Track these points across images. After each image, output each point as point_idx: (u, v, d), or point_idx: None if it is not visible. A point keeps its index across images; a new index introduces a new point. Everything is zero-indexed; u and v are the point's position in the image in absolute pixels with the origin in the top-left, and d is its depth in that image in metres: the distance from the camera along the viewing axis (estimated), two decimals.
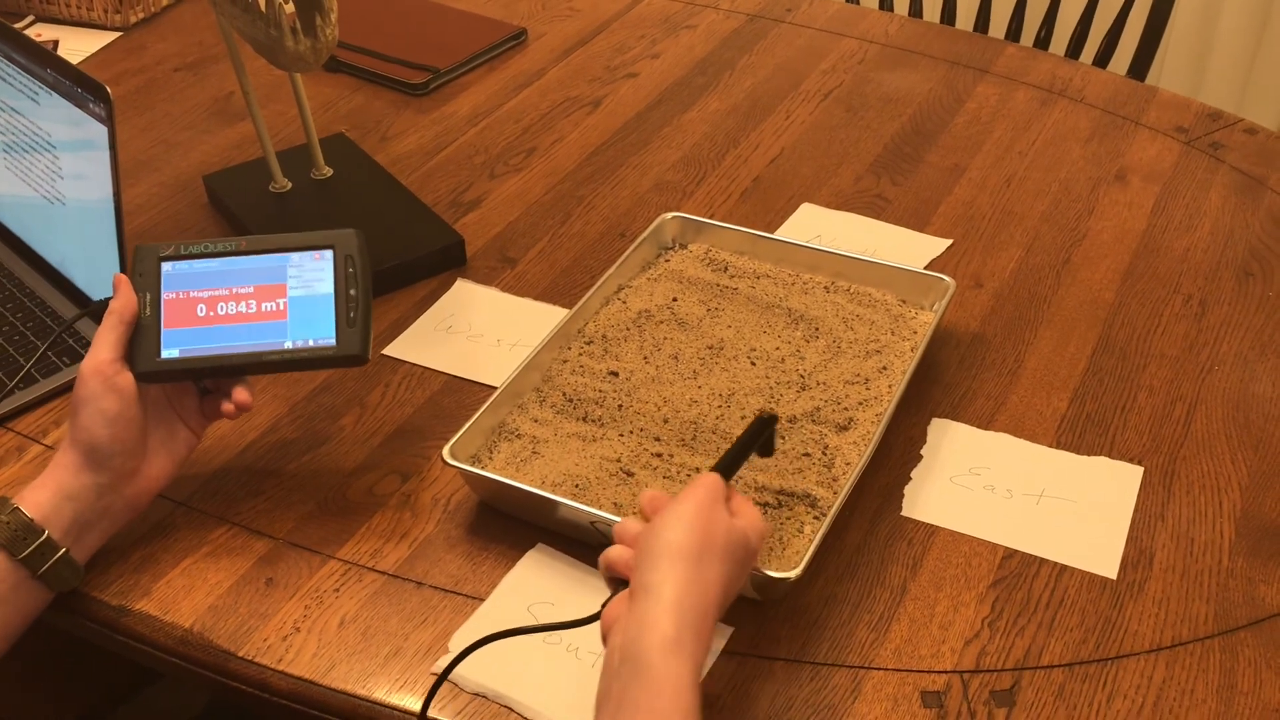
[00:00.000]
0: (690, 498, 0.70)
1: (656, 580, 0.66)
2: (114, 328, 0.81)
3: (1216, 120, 1.31)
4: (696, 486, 0.71)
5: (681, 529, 0.68)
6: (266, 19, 0.99)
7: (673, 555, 0.67)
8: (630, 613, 0.66)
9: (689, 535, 0.68)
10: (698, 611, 0.66)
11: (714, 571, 0.68)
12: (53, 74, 0.99)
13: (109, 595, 0.82)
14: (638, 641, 0.64)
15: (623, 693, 0.63)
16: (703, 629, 0.66)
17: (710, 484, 0.72)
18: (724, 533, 0.69)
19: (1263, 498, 0.88)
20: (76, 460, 0.79)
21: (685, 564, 0.67)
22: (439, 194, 1.21)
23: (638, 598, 0.66)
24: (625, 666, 0.64)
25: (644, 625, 0.65)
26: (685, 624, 0.65)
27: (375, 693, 0.76)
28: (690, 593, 0.66)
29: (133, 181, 1.23)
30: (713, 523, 0.69)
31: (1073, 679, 0.77)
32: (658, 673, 0.63)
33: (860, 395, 0.93)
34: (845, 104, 1.35)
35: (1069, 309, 1.06)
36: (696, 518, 0.69)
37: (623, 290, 1.04)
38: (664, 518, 0.69)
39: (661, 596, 0.65)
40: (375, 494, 0.89)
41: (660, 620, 0.64)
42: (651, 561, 0.67)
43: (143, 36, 1.49)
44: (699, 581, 0.67)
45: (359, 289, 0.85)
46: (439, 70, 1.40)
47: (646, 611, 0.65)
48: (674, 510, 0.69)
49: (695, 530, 0.68)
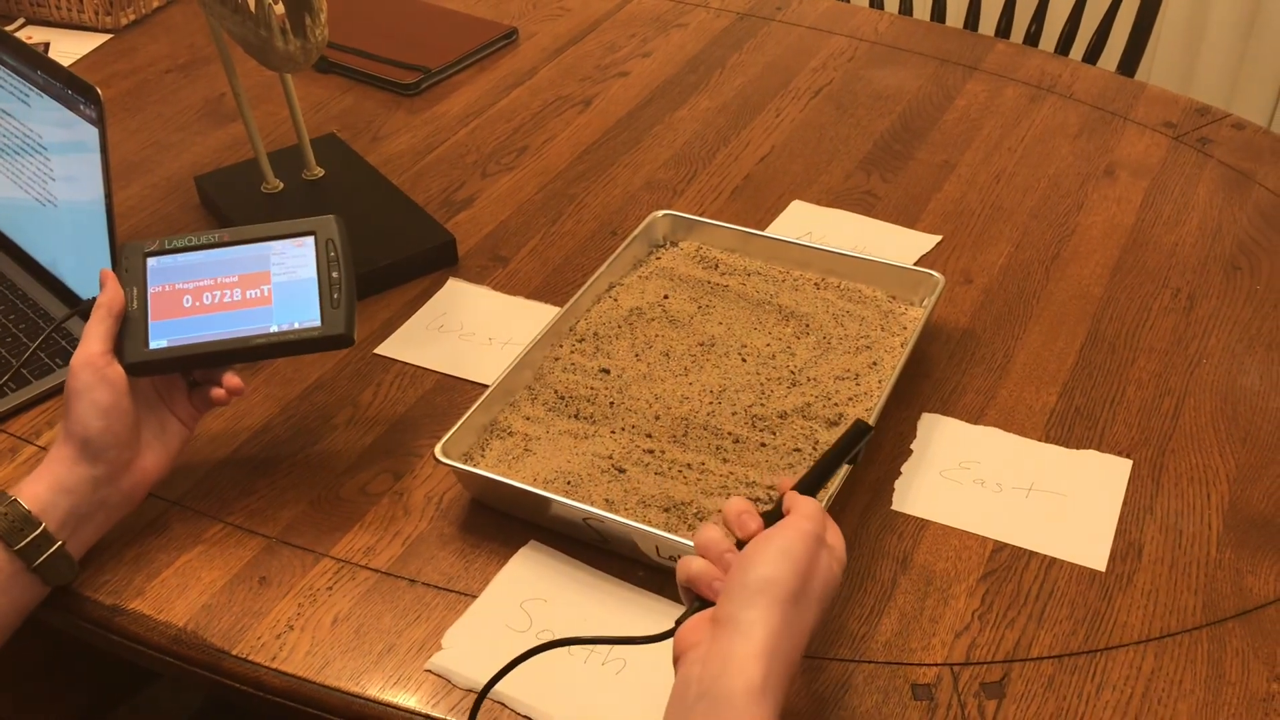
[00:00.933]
0: (795, 531, 0.66)
1: (750, 619, 0.62)
2: (102, 320, 0.81)
3: (1204, 115, 1.32)
4: (802, 519, 0.67)
5: (786, 567, 0.64)
6: (256, 20, 0.99)
7: (772, 596, 0.63)
8: (714, 644, 0.62)
9: (792, 576, 0.64)
10: (787, 660, 0.62)
11: (809, 616, 0.65)
12: (43, 76, 0.99)
13: (102, 594, 0.82)
14: (720, 681, 0.60)
15: None
16: (788, 676, 0.63)
17: (815, 515, 0.67)
18: (823, 575, 0.66)
19: (1250, 490, 0.89)
20: (72, 453, 0.79)
21: (783, 608, 0.63)
22: (430, 193, 1.22)
23: (725, 631, 0.62)
24: (703, 703, 0.60)
25: (729, 664, 0.61)
26: (774, 671, 0.61)
27: (369, 690, 0.76)
28: (784, 638, 0.62)
29: (124, 183, 1.23)
30: (815, 564, 0.65)
31: (1062, 670, 0.77)
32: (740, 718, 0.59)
33: (850, 391, 0.94)
34: (835, 101, 1.36)
35: (1058, 304, 1.07)
36: (802, 557, 0.64)
37: (614, 288, 1.04)
38: (765, 549, 0.65)
39: (753, 638, 0.61)
40: (368, 492, 0.90)
41: (749, 664, 0.60)
42: (747, 597, 0.63)
43: (134, 38, 1.49)
44: (794, 626, 0.63)
45: (341, 272, 0.86)
46: (430, 70, 1.40)
47: (735, 651, 0.61)
48: (776, 543, 0.65)
49: (798, 571, 0.64)
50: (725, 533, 0.69)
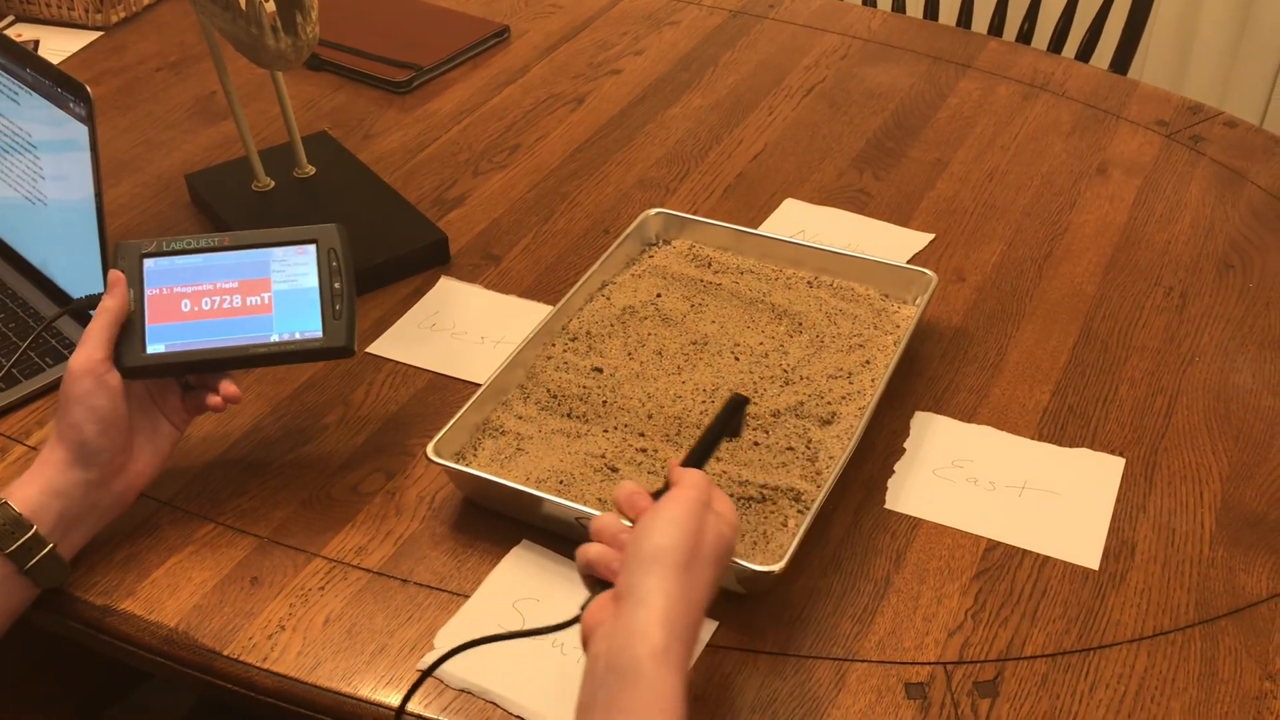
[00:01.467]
0: (681, 500, 0.68)
1: (646, 588, 0.64)
2: (107, 326, 0.80)
3: (1197, 113, 1.32)
4: (687, 488, 0.69)
5: (675, 534, 0.66)
6: (247, 17, 0.99)
7: (665, 563, 0.65)
8: (617, 619, 0.64)
9: (682, 542, 0.66)
10: (687, 621, 0.64)
11: (704, 578, 0.67)
12: (32, 74, 0.98)
13: (93, 595, 0.82)
14: (626, 651, 0.62)
15: (610, 702, 0.62)
16: (690, 638, 0.65)
17: (700, 484, 0.70)
18: (713, 537, 0.68)
19: (1243, 488, 0.89)
20: (64, 457, 0.79)
21: (677, 572, 0.65)
22: (422, 192, 1.21)
23: (625, 605, 0.64)
24: (612, 675, 0.62)
25: (633, 634, 0.63)
26: (675, 634, 0.63)
27: (360, 690, 0.76)
28: (681, 601, 0.64)
29: (115, 181, 1.22)
30: (703, 528, 0.67)
31: (1055, 669, 0.77)
32: (649, 684, 0.61)
33: (843, 389, 0.94)
34: (828, 99, 1.36)
35: (1051, 302, 1.07)
36: (688, 523, 0.67)
37: (606, 286, 1.04)
38: (654, 521, 0.67)
39: (652, 606, 0.63)
40: (360, 492, 0.89)
41: (651, 630, 0.63)
42: (641, 567, 0.65)
43: (124, 36, 1.49)
44: (690, 589, 0.65)
45: (343, 282, 0.85)
46: (422, 68, 1.39)
47: (636, 620, 0.63)
48: (664, 514, 0.67)
49: (687, 536, 0.66)
50: (618, 518, 0.71)
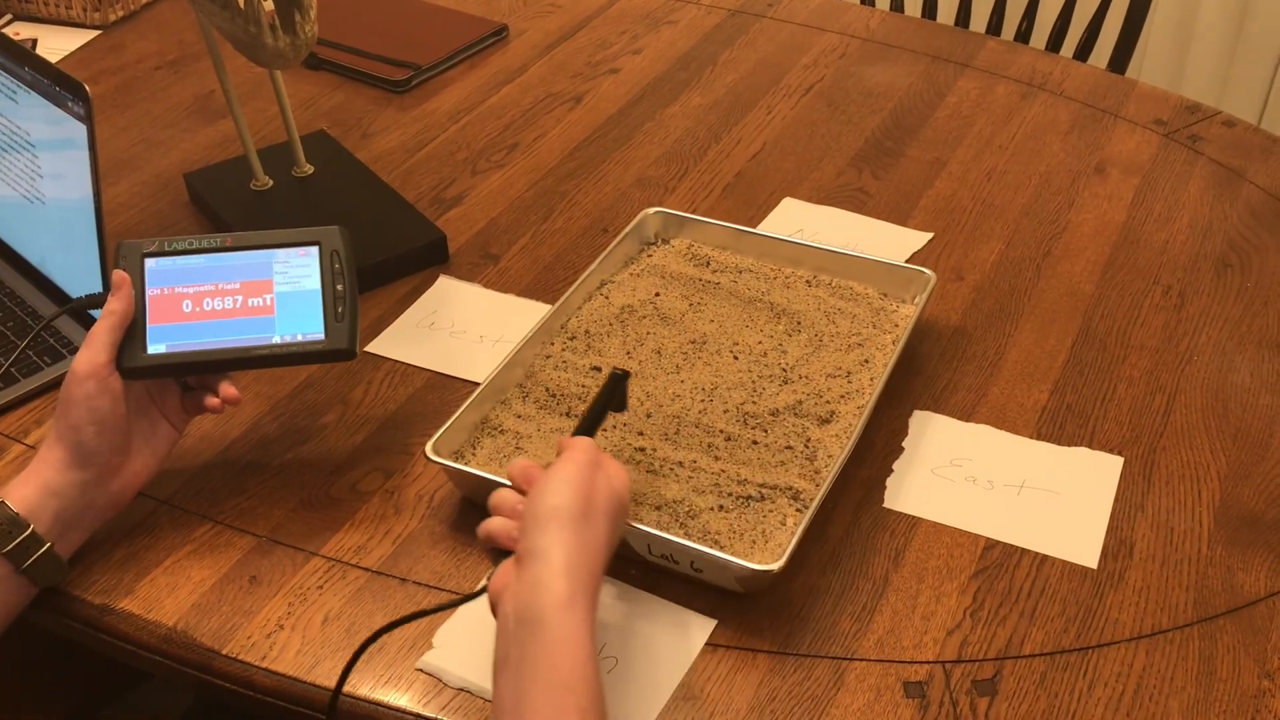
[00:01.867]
0: (570, 462, 0.72)
1: (545, 544, 0.67)
2: (112, 329, 0.80)
3: (1195, 113, 1.32)
4: (574, 450, 0.73)
5: (567, 493, 0.69)
6: (245, 16, 0.99)
7: (560, 519, 0.68)
8: (520, 578, 0.67)
9: (574, 499, 0.69)
10: (587, 570, 0.68)
11: (599, 530, 0.70)
12: (31, 73, 0.98)
13: (91, 594, 0.82)
14: (532, 604, 0.65)
15: (521, 654, 0.65)
16: (593, 586, 0.68)
17: (586, 447, 0.73)
18: (605, 492, 0.71)
19: (1241, 487, 0.89)
20: (62, 457, 0.78)
21: (572, 526, 0.68)
22: (421, 191, 1.21)
23: (527, 563, 0.67)
24: (522, 629, 0.65)
25: (537, 588, 0.66)
26: (577, 583, 0.66)
27: (359, 689, 0.76)
28: (579, 553, 0.68)
29: (113, 180, 1.22)
30: (593, 485, 0.71)
31: (1054, 668, 0.77)
32: (556, 631, 0.65)
33: (842, 388, 0.94)
34: (827, 98, 1.36)
35: (1049, 301, 1.07)
36: (579, 481, 0.70)
37: (605, 286, 1.04)
38: (546, 484, 0.70)
39: (552, 559, 0.67)
40: (358, 491, 0.89)
41: (553, 582, 0.66)
42: (538, 527, 0.68)
43: (122, 35, 1.49)
44: (587, 542, 0.69)
45: (345, 284, 0.85)
46: (420, 67, 1.39)
47: (538, 575, 0.66)
48: (556, 475, 0.71)
49: (579, 493, 0.70)
50: (515, 492, 0.74)
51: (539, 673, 0.64)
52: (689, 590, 0.81)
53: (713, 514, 0.84)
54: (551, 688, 0.63)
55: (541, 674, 0.64)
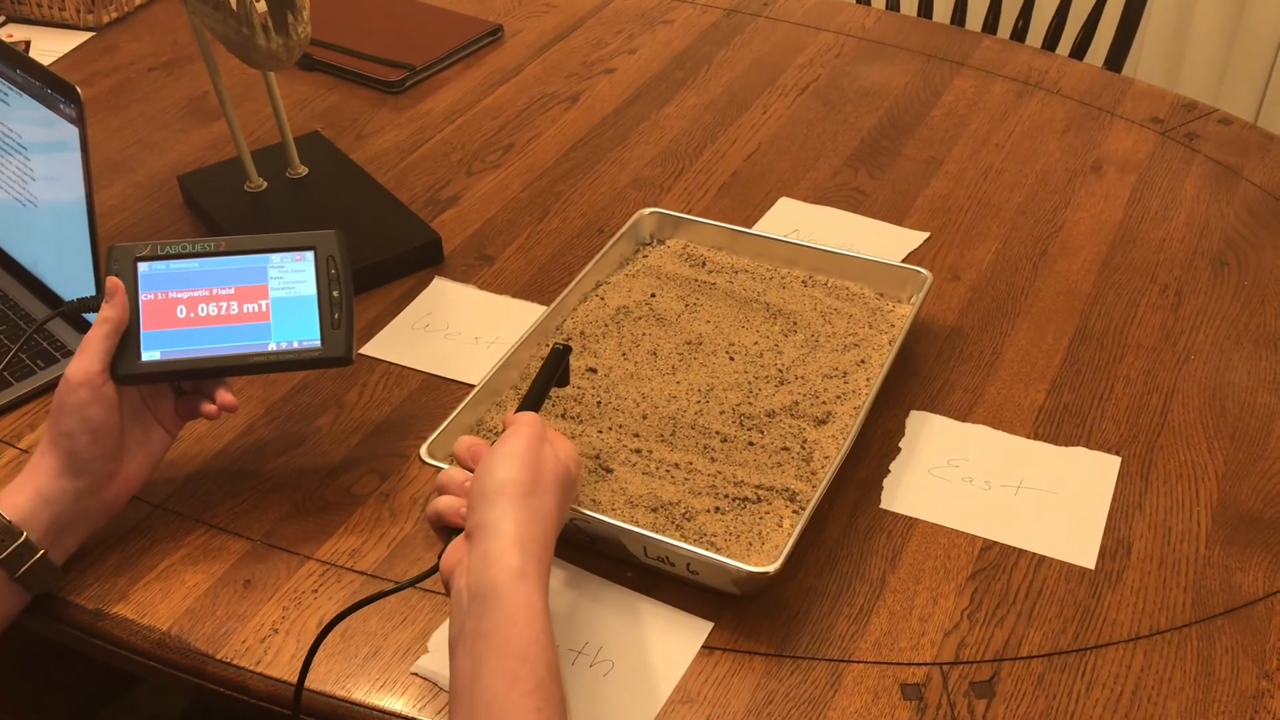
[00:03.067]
0: (517, 436, 0.72)
1: (494, 518, 0.68)
2: (106, 336, 0.79)
3: (1191, 110, 1.32)
4: (520, 425, 0.73)
5: (514, 467, 0.70)
6: (238, 17, 0.99)
7: (509, 493, 0.69)
8: (472, 553, 0.68)
9: (522, 472, 0.70)
10: (538, 542, 0.68)
11: (548, 503, 0.71)
12: (22, 75, 0.98)
13: (85, 599, 0.81)
14: (484, 578, 0.66)
15: (477, 626, 0.65)
16: (544, 557, 0.69)
17: (533, 422, 0.74)
18: (551, 463, 0.72)
19: (1239, 486, 0.89)
20: (55, 465, 0.78)
21: (521, 499, 0.69)
22: (415, 192, 1.21)
23: (478, 538, 0.68)
24: (476, 603, 0.66)
25: (489, 561, 0.66)
26: (529, 554, 0.67)
27: (354, 694, 0.76)
28: (529, 524, 0.68)
29: (107, 182, 1.22)
30: (541, 457, 0.72)
31: (1052, 669, 0.77)
32: (509, 600, 0.65)
33: (838, 389, 0.93)
34: (822, 98, 1.35)
35: (1046, 300, 1.06)
36: (527, 454, 0.71)
37: (601, 286, 1.03)
38: (493, 459, 0.71)
39: (502, 532, 0.67)
40: (353, 494, 0.89)
41: (504, 554, 0.66)
42: (487, 501, 0.69)
43: (116, 36, 1.48)
44: (537, 513, 0.69)
45: (342, 290, 0.84)
46: (415, 67, 1.39)
47: (489, 549, 0.67)
48: (503, 451, 0.71)
49: (527, 467, 0.70)
50: (461, 470, 0.74)
51: (493, 644, 0.64)
52: (685, 593, 0.81)
53: (709, 516, 0.83)
54: (506, 656, 0.64)
55: (496, 645, 0.64)
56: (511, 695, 0.63)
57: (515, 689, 0.63)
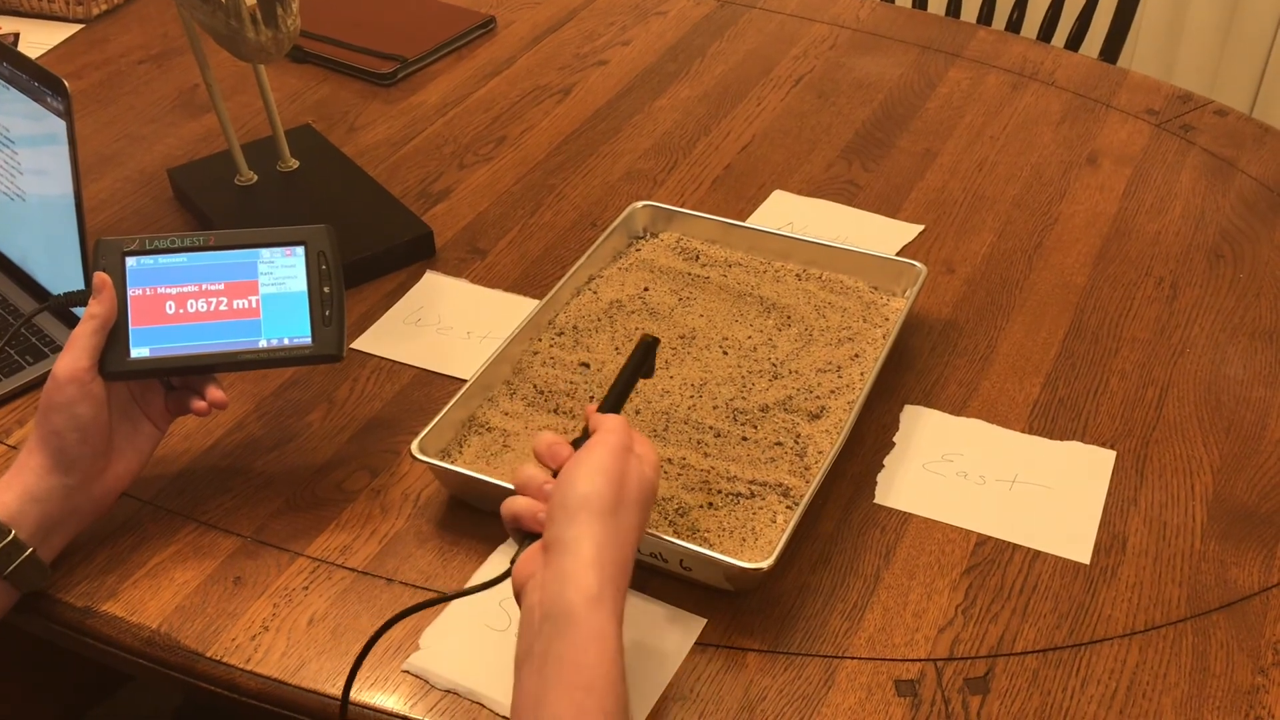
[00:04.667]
0: (603, 446, 0.69)
1: (575, 535, 0.65)
2: (94, 333, 0.79)
3: (1187, 102, 1.31)
4: (606, 434, 0.70)
5: (600, 481, 0.67)
6: (227, 10, 0.98)
7: (591, 509, 0.66)
8: (548, 569, 0.65)
9: (606, 488, 0.67)
10: (617, 565, 0.66)
11: (630, 521, 0.68)
12: (9, 68, 0.97)
13: (74, 597, 0.81)
14: (560, 598, 0.63)
15: (547, 649, 0.63)
16: (622, 581, 0.66)
17: (619, 429, 0.70)
18: (636, 480, 0.69)
19: (1234, 480, 0.89)
20: (44, 463, 0.77)
21: (604, 518, 0.66)
22: (407, 185, 1.20)
23: (555, 553, 0.65)
24: (548, 624, 0.63)
25: (565, 581, 0.64)
26: (607, 578, 0.64)
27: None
28: (610, 546, 0.65)
29: (96, 176, 1.21)
30: (627, 473, 0.68)
31: (1046, 665, 0.77)
32: (584, 627, 0.63)
33: (832, 383, 0.93)
34: (816, 90, 1.35)
35: (1041, 294, 1.06)
36: (612, 469, 0.68)
37: (594, 280, 1.03)
38: (577, 470, 0.67)
39: (581, 552, 0.64)
40: (344, 490, 0.88)
41: (582, 576, 0.64)
42: (568, 516, 0.66)
43: (105, 29, 1.47)
44: (618, 534, 0.66)
45: (333, 286, 0.84)
46: (406, 59, 1.38)
47: (566, 568, 0.64)
48: (588, 461, 0.68)
49: (611, 482, 0.67)
50: (541, 470, 0.71)
51: (562, 672, 0.62)
52: (678, 589, 0.80)
53: (702, 511, 0.83)
54: (574, 688, 0.61)
55: (565, 673, 0.62)
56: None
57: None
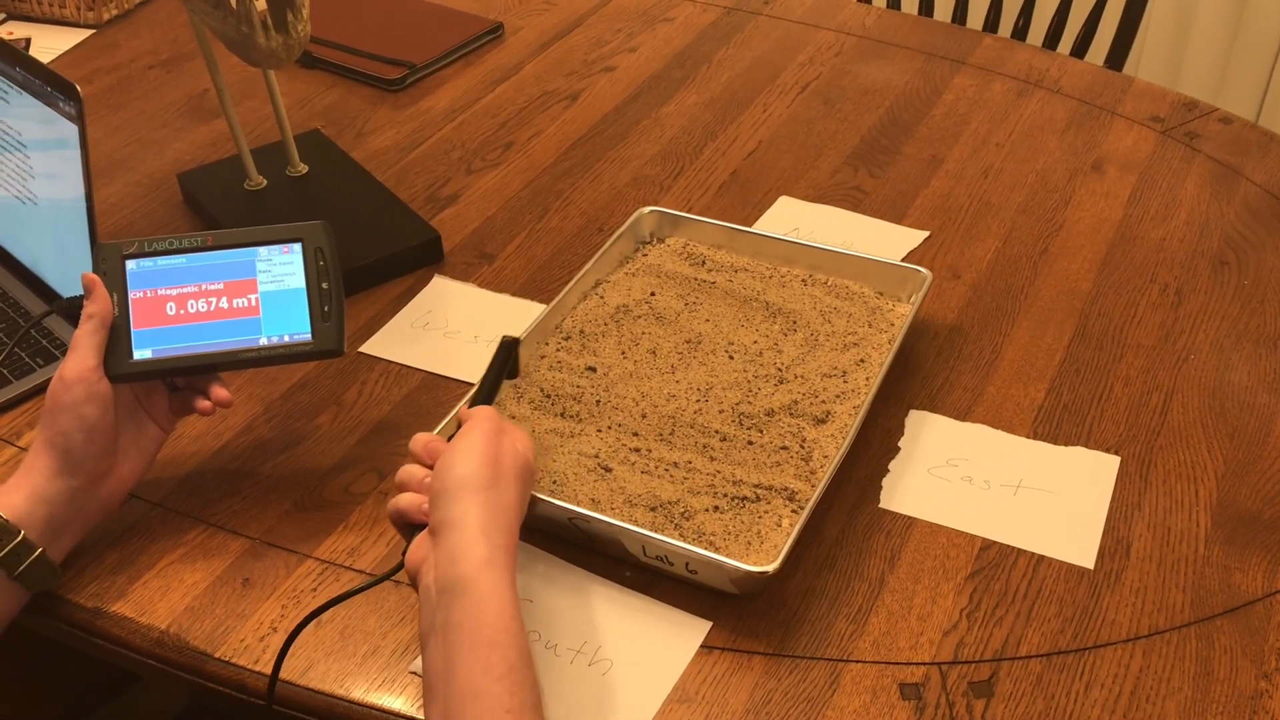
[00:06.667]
0: (475, 430, 0.73)
1: (459, 513, 0.69)
2: (95, 332, 0.80)
3: (1192, 110, 1.32)
4: (477, 419, 0.74)
5: (475, 460, 0.71)
6: (237, 15, 0.98)
7: (470, 487, 0.70)
8: (438, 549, 0.69)
9: (482, 466, 0.71)
10: (504, 532, 0.69)
11: (510, 494, 0.72)
12: (22, 73, 0.98)
13: (84, 597, 0.81)
14: (452, 569, 0.67)
15: (446, 618, 0.66)
16: (510, 547, 0.70)
17: (489, 415, 0.75)
18: (510, 454, 0.73)
19: (1238, 486, 0.89)
20: (51, 464, 0.78)
21: (483, 493, 0.70)
22: (415, 190, 1.21)
23: (443, 534, 0.69)
24: (444, 596, 0.67)
25: (455, 555, 0.67)
26: (495, 545, 0.68)
27: (353, 692, 0.76)
28: (493, 517, 0.69)
29: (107, 180, 1.22)
30: (500, 450, 0.72)
31: (1050, 669, 0.77)
32: (479, 590, 0.66)
33: (838, 388, 0.93)
34: (823, 96, 1.35)
35: (1046, 299, 1.06)
36: (486, 448, 0.72)
37: (600, 285, 1.03)
38: (453, 455, 0.72)
39: (467, 527, 0.68)
40: (352, 492, 0.89)
41: (470, 546, 0.67)
42: (449, 497, 0.70)
43: (116, 34, 1.48)
44: (499, 505, 0.70)
45: (331, 281, 0.84)
46: (415, 65, 1.39)
47: (455, 543, 0.68)
48: (462, 446, 0.72)
49: (486, 460, 0.71)
50: (419, 467, 0.75)
51: (464, 634, 0.65)
52: (684, 592, 0.81)
53: (708, 515, 0.83)
54: (477, 645, 0.65)
55: (466, 634, 0.65)
56: (485, 681, 0.64)
57: (488, 675, 0.64)
